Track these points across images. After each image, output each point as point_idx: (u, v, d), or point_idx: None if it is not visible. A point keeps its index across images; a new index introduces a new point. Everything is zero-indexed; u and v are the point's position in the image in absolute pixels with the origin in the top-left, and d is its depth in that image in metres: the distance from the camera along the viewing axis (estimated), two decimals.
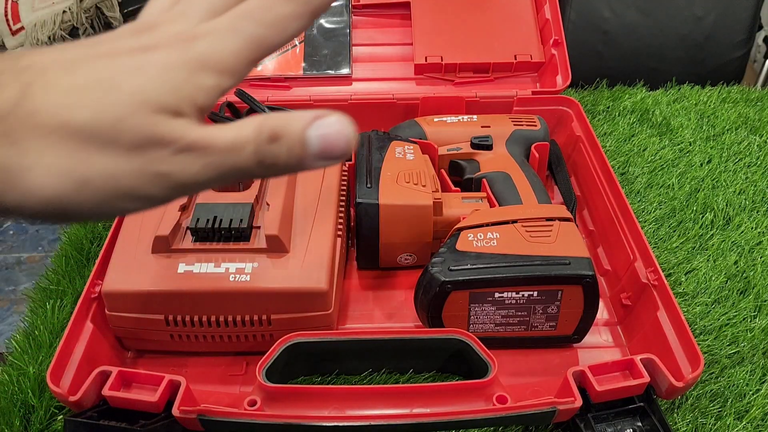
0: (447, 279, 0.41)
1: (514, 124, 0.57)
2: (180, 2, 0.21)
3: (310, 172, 0.46)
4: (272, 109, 0.61)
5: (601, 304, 0.48)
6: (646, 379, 0.38)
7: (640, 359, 0.38)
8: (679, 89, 0.77)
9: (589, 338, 0.45)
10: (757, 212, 0.58)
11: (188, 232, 0.43)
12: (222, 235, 0.42)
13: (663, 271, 0.44)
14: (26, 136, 0.17)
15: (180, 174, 0.19)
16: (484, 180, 0.52)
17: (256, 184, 0.46)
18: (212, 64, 0.20)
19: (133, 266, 0.42)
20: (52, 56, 0.19)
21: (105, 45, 0.20)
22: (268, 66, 0.66)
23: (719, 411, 0.42)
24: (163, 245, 0.42)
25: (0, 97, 0.17)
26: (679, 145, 0.67)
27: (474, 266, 0.41)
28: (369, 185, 0.48)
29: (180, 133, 0.19)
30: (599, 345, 0.47)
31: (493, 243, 0.42)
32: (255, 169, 0.20)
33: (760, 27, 1.20)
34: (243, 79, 0.21)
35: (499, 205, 0.49)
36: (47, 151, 0.17)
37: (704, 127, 0.70)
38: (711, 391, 0.43)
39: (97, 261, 0.44)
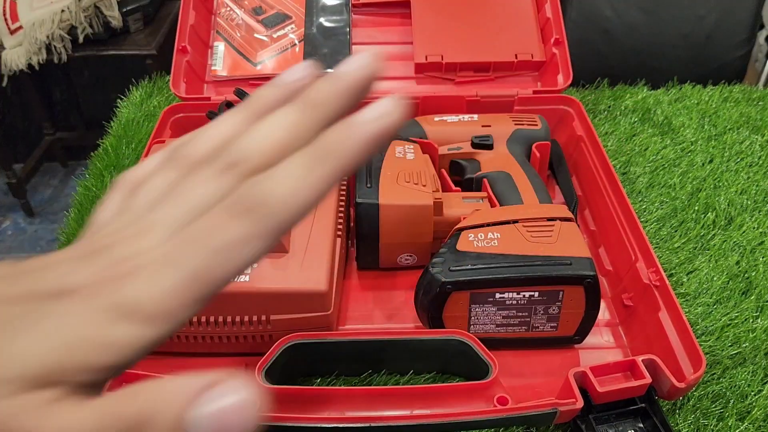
0: (447, 279, 0.41)
1: (515, 124, 0.57)
2: (155, 207, 0.18)
3: None
4: None
5: (602, 304, 0.47)
6: (648, 379, 0.37)
7: (642, 360, 0.38)
8: (681, 88, 0.77)
9: (590, 339, 0.45)
10: (759, 212, 0.58)
11: None
12: None
13: (665, 272, 0.44)
14: None
15: None
16: (485, 180, 0.52)
17: None
18: (132, 311, 0.16)
19: None
20: None
21: (26, 283, 0.17)
22: (268, 65, 0.66)
23: (721, 412, 0.42)
24: None
25: None
26: (680, 144, 0.67)
27: (475, 266, 0.41)
28: (369, 185, 0.47)
29: (31, 426, 0.14)
30: (600, 346, 0.46)
31: (494, 243, 0.42)
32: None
33: (762, 26, 1.19)
34: (178, 324, 0.17)
35: (500, 205, 0.49)
36: None
37: (706, 127, 0.69)
38: (713, 391, 0.43)
39: None
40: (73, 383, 0.15)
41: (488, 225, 0.44)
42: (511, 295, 0.41)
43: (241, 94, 0.61)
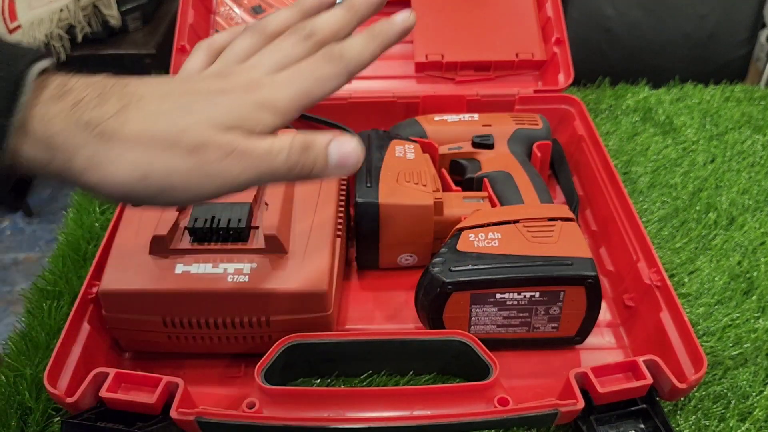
0: (448, 280, 0.40)
1: (516, 123, 0.57)
2: (252, 57, 0.29)
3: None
4: None
5: (603, 305, 0.47)
6: (649, 380, 0.37)
7: (643, 360, 0.38)
8: (682, 88, 0.77)
9: (591, 339, 0.45)
10: (760, 212, 0.58)
11: (186, 232, 0.42)
12: (220, 235, 0.42)
13: (666, 272, 0.44)
14: (114, 138, 0.24)
15: (224, 174, 0.25)
16: (486, 179, 0.52)
17: None
18: (270, 106, 0.26)
19: (130, 267, 0.41)
20: (150, 88, 0.25)
21: (191, 84, 0.27)
22: None
23: (722, 413, 0.41)
24: (160, 245, 0.41)
25: (103, 107, 0.24)
26: (682, 144, 0.66)
27: (475, 267, 0.41)
28: (369, 185, 0.47)
29: (228, 142, 0.25)
30: (602, 346, 0.46)
31: (495, 243, 0.42)
32: (285, 173, 0.26)
33: (764, 25, 1.19)
34: (291, 120, 0.28)
35: (501, 205, 0.49)
36: (125, 150, 0.24)
37: (707, 126, 0.69)
38: (714, 392, 0.43)
39: (94, 261, 0.44)
40: (257, 124, 0.26)
41: (489, 225, 0.43)
42: (511, 295, 0.41)
43: None
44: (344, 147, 0.27)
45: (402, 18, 0.31)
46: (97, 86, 0.24)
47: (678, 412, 0.42)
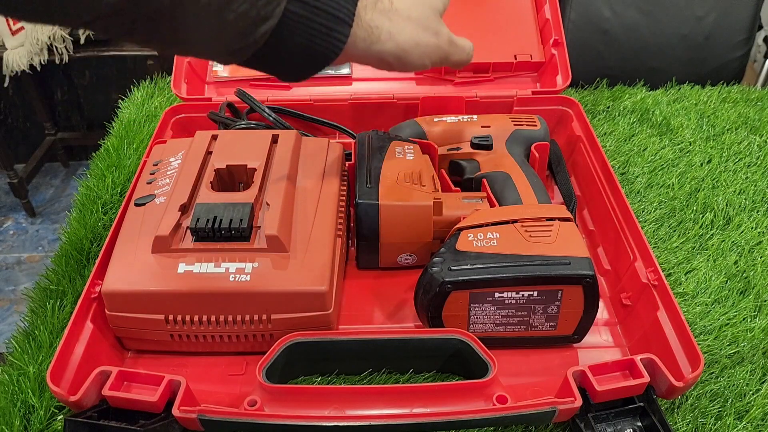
0: (447, 279, 0.41)
1: (514, 124, 0.57)
2: None
3: (310, 171, 0.49)
4: (272, 109, 0.61)
5: (601, 304, 0.48)
6: (646, 379, 0.38)
7: (640, 359, 0.38)
8: (680, 89, 0.77)
9: (589, 338, 0.45)
10: (757, 212, 0.58)
11: (188, 232, 0.43)
12: (222, 235, 0.42)
13: (663, 271, 0.44)
14: (395, 18, 0.37)
15: (445, 52, 0.41)
16: (484, 180, 0.52)
17: (257, 183, 0.46)
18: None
19: (133, 266, 0.42)
20: None
21: None
22: None
23: (719, 411, 0.42)
24: (163, 245, 0.42)
25: (382, 4, 0.36)
26: (679, 144, 0.67)
27: (474, 266, 0.41)
28: (369, 185, 0.48)
29: (447, 32, 0.41)
30: (599, 345, 0.47)
31: (493, 243, 0.42)
32: (463, 64, 0.43)
33: (760, 27, 1.20)
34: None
35: (499, 205, 0.49)
36: (405, 26, 0.37)
37: (704, 127, 0.70)
38: (711, 391, 0.43)
39: (97, 261, 0.44)
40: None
41: (487, 225, 0.44)
42: (510, 294, 0.41)
43: (242, 95, 0.62)
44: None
45: None
46: None
47: (675, 410, 0.42)
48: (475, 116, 0.58)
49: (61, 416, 0.41)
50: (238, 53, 0.32)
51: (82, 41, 1.10)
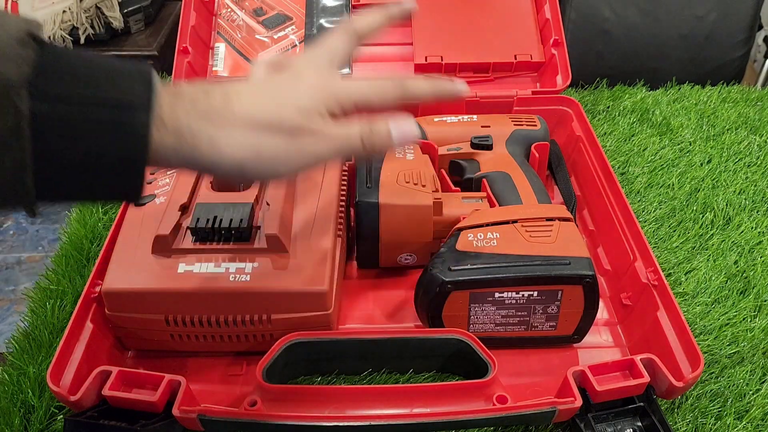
0: (447, 279, 0.41)
1: (514, 124, 0.57)
2: (309, 53, 0.35)
3: (310, 171, 0.48)
4: None
5: (601, 304, 0.48)
6: (646, 379, 0.38)
7: (640, 359, 0.38)
8: (679, 89, 0.77)
9: (589, 338, 0.45)
10: (757, 212, 0.58)
11: (188, 232, 0.43)
12: (222, 235, 0.42)
13: (663, 271, 0.44)
14: (226, 123, 0.29)
15: (314, 151, 0.31)
16: (484, 180, 0.52)
17: (256, 183, 0.46)
18: (337, 99, 0.32)
19: (133, 266, 0.42)
20: (243, 85, 0.31)
21: (275, 81, 0.33)
22: None
23: (719, 411, 0.42)
24: (163, 245, 0.42)
25: (212, 101, 0.29)
26: (679, 144, 0.67)
27: (474, 266, 0.41)
28: (369, 185, 0.48)
29: (317, 127, 0.31)
30: (599, 345, 0.47)
31: (493, 243, 0.42)
32: (360, 150, 0.33)
33: (761, 27, 1.20)
34: (348, 113, 0.33)
35: (499, 205, 0.49)
36: (238, 133, 0.29)
37: (704, 127, 0.70)
38: (711, 391, 0.43)
39: (98, 261, 0.44)
40: (327, 112, 0.32)
41: (487, 225, 0.44)
42: (510, 294, 0.41)
43: None
44: (403, 127, 0.34)
45: (462, 87, 0.37)
46: (200, 87, 0.29)
47: (675, 410, 0.42)
48: (475, 116, 0.58)
49: (61, 416, 0.41)
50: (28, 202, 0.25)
51: (82, 41, 1.09)
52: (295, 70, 0.34)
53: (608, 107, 0.73)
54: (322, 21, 0.69)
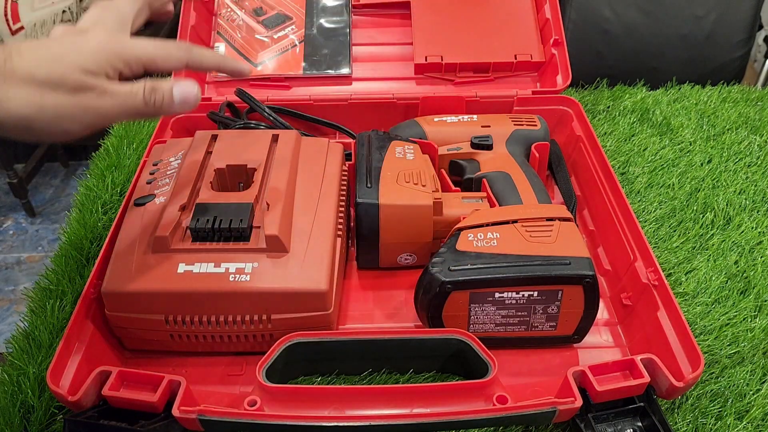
0: (447, 279, 0.41)
1: (515, 124, 0.57)
2: (99, 17, 0.37)
3: (310, 171, 0.49)
4: (272, 108, 0.61)
5: (601, 304, 0.48)
6: (647, 379, 0.38)
7: (641, 359, 0.38)
8: (680, 89, 0.77)
9: (589, 338, 0.45)
10: (757, 212, 0.58)
11: (188, 232, 0.43)
12: (222, 235, 0.42)
13: (663, 271, 0.44)
14: (8, 81, 0.30)
15: (99, 108, 0.33)
16: (484, 180, 0.52)
17: (257, 183, 0.46)
18: (123, 58, 0.34)
19: (132, 266, 0.42)
20: (28, 44, 0.32)
21: (61, 40, 0.34)
22: (268, 65, 0.66)
23: (719, 411, 0.42)
24: (162, 245, 0.42)
25: None
26: (679, 144, 0.67)
27: (474, 266, 0.41)
28: (369, 185, 0.48)
29: (100, 84, 0.33)
30: (599, 345, 0.46)
31: (494, 243, 0.42)
32: (143, 109, 0.35)
33: (761, 27, 1.20)
34: (137, 73, 0.36)
35: (499, 205, 0.49)
36: (20, 90, 0.30)
37: (704, 127, 0.70)
38: (711, 391, 0.43)
39: (97, 261, 0.44)
40: (112, 71, 0.34)
41: (488, 225, 0.44)
42: (510, 294, 0.41)
43: (242, 95, 0.62)
44: (184, 88, 0.36)
45: (245, 68, 0.44)
46: None
47: (675, 410, 0.42)
48: (475, 116, 0.58)
49: (61, 416, 0.41)
50: None
51: None
52: (83, 29, 0.36)
53: (608, 107, 0.73)
54: (322, 21, 0.69)
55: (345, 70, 0.66)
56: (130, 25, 0.38)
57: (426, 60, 0.65)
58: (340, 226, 0.47)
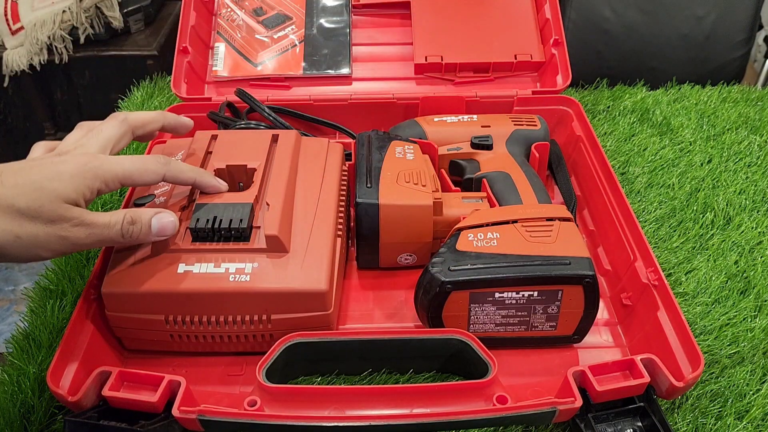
0: (447, 279, 0.41)
1: (515, 124, 0.57)
2: (81, 140, 0.38)
3: (310, 172, 0.49)
4: (272, 109, 0.61)
5: (601, 304, 0.48)
6: (647, 379, 0.38)
7: (641, 359, 0.38)
8: (680, 89, 0.77)
9: (589, 338, 0.45)
10: (757, 212, 0.58)
11: (188, 232, 0.43)
12: (222, 235, 0.42)
13: (663, 271, 0.44)
14: None
15: (74, 238, 0.34)
16: (485, 180, 0.52)
17: (256, 183, 0.46)
18: (100, 177, 0.35)
19: (132, 266, 0.42)
20: (7, 169, 0.33)
21: (40, 164, 0.34)
22: (268, 66, 0.66)
23: (719, 411, 0.42)
24: (162, 245, 0.42)
25: None
26: (679, 144, 0.67)
27: (474, 266, 0.41)
28: (369, 185, 0.48)
29: (78, 215, 0.34)
30: (599, 345, 0.46)
31: (494, 243, 0.42)
32: (119, 239, 0.36)
33: (761, 27, 1.20)
34: (115, 189, 0.37)
35: (500, 205, 0.49)
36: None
37: (704, 127, 0.70)
38: (711, 391, 0.43)
39: (97, 261, 0.44)
40: (90, 193, 0.35)
41: (488, 225, 0.44)
42: (510, 294, 0.41)
43: (242, 95, 0.62)
44: (162, 220, 0.38)
45: (222, 185, 0.44)
46: None
47: (675, 410, 0.42)
48: (475, 116, 0.58)
49: (61, 416, 0.41)
50: None
51: (82, 41, 1.09)
52: (63, 152, 0.37)
53: (608, 107, 0.73)
54: (322, 21, 0.69)
55: (345, 70, 0.66)
56: (111, 148, 0.39)
57: (426, 60, 0.65)
58: (340, 226, 0.47)
